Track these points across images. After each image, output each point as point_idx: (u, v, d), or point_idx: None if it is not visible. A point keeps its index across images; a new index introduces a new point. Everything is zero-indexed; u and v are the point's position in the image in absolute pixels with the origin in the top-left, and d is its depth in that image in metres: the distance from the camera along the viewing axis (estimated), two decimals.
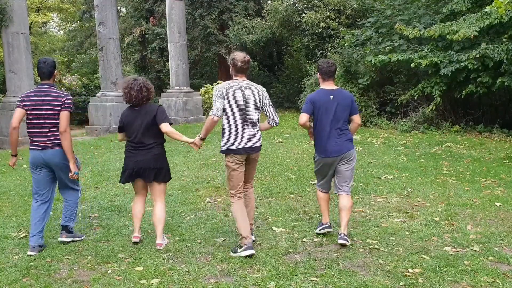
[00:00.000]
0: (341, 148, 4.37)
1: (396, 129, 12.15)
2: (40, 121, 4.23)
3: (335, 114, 4.35)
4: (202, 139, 4.27)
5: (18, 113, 4.25)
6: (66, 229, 4.43)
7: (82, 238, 4.55)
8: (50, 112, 4.22)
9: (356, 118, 4.50)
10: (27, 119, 4.29)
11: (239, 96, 4.12)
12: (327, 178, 4.53)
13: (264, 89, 4.39)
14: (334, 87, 4.49)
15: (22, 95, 4.36)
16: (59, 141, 4.23)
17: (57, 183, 4.47)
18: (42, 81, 4.36)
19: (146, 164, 4.28)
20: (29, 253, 4.16)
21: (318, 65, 4.62)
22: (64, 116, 4.21)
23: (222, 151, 4.19)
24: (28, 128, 4.30)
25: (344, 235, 4.23)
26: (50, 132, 4.24)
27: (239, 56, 4.19)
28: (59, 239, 4.41)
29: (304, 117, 4.42)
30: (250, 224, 4.22)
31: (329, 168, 4.45)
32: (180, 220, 5.09)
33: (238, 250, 4.05)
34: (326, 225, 4.54)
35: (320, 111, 4.38)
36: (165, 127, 4.27)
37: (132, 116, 4.33)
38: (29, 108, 4.23)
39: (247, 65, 4.22)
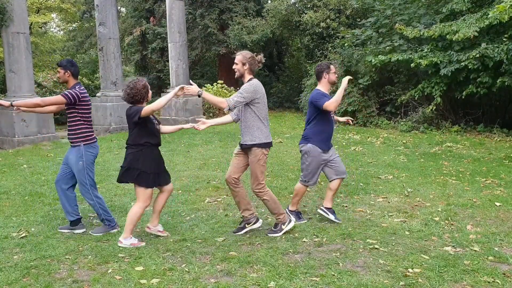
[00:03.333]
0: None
1: (396, 129, 12.15)
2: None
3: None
4: (200, 95, 4.22)
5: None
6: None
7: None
8: None
9: (326, 107, 4.63)
10: (87, 115, 4.62)
11: (264, 93, 4.47)
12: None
13: None
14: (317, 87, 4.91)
15: (83, 92, 4.58)
16: None
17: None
18: (77, 79, 4.69)
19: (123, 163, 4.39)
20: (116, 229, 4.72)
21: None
22: None
23: (261, 145, 4.37)
24: (89, 124, 4.64)
25: (288, 209, 4.99)
26: None
27: (261, 58, 4.49)
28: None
29: None
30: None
31: None
32: (180, 220, 5.09)
33: (284, 226, 4.55)
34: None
35: None
36: (144, 110, 4.17)
37: None
38: (89, 104, 4.67)
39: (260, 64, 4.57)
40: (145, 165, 4.25)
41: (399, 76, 13.17)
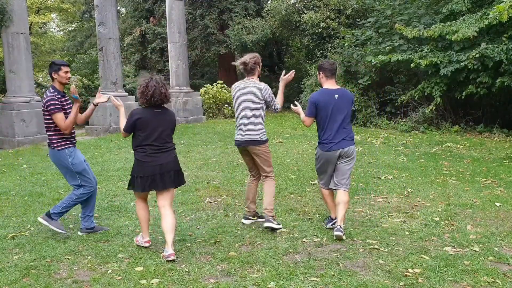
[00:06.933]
0: None
1: (396, 129, 12.15)
2: None
3: None
4: None
5: None
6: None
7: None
8: None
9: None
10: None
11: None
12: None
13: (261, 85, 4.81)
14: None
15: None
16: None
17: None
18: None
19: (171, 167, 4.19)
20: None
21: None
22: None
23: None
24: None
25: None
26: None
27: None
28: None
29: None
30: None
31: None
32: (180, 220, 5.08)
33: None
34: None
35: None
36: None
37: (152, 117, 4.06)
38: None
39: (242, 66, 4.74)
40: None
41: (399, 76, 13.18)
